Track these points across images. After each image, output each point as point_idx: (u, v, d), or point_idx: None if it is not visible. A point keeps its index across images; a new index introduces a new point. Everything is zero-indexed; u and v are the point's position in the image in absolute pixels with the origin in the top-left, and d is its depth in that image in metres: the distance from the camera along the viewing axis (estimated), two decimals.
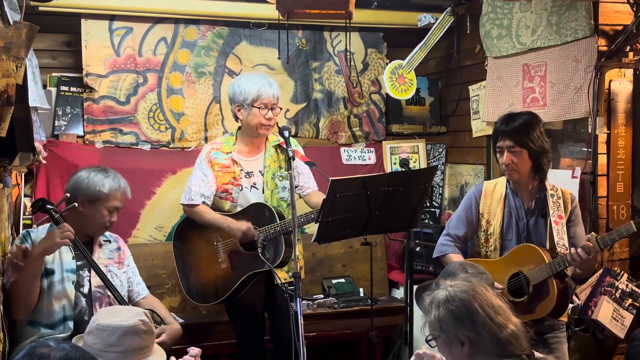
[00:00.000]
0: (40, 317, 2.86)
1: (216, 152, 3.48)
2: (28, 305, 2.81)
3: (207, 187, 3.43)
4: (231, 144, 3.50)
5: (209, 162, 3.46)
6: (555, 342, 2.96)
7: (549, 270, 2.81)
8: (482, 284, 1.91)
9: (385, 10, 4.50)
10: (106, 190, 2.99)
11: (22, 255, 2.82)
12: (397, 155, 4.73)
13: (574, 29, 3.44)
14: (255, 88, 3.37)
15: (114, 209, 3.04)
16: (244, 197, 3.45)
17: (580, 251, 2.72)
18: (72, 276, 2.94)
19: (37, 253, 2.77)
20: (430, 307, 1.89)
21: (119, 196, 3.05)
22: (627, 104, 3.38)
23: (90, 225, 3.02)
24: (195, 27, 4.31)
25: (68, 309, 2.89)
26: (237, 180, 3.45)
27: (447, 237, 3.17)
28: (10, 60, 2.20)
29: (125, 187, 3.10)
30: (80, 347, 1.52)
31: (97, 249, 3.10)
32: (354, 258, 4.43)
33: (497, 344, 1.80)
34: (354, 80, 4.65)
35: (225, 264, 3.45)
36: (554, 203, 2.94)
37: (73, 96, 4.10)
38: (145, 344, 2.14)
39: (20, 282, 2.76)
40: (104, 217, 3.01)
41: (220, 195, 3.47)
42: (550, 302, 2.83)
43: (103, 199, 2.99)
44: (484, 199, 3.10)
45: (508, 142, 2.93)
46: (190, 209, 3.46)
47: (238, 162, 3.46)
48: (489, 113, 4.11)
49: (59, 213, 2.89)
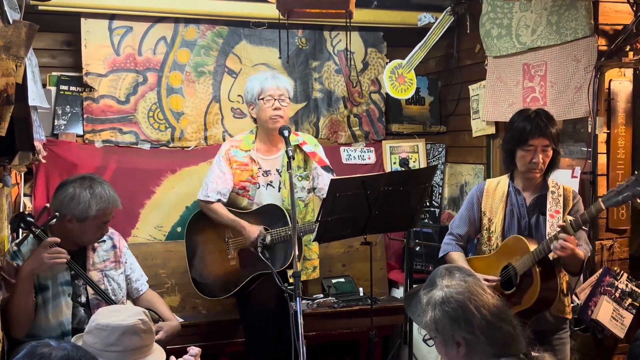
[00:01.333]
0: (39, 332, 2.81)
1: (235, 149, 3.53)
2: (25, 323, 2.76)
3: (224, 184, 3.49)
4: (250, 142, 3.55)
5: (227, 159, 3.51)
6: (559, 343, 2.96)
7: (531, 259, 2.80)
8: (478, 284, 1.90)
9: (385, 9, 4.50)
10: (94, 212, 2.85)
11: (13, 273, 2.76)
12: (396, 155, 4.73)
13: (574, 28, 3.44)
14: (258, 82, 3.47)
15: (105, 223, 2.96)
16: (261, 195, 3.50)
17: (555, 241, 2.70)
18: (68, 289, 2.89)
19: (25, 274, 2.70)
20: (427, 308, 1.88)
21: (108, 213, 2.93)
22: (627, 104, 3.38)
23: (81, 239, 2.94)
24: (195, 26, 4.31)
25: (66, 324, 2.85)
26: (254, 178, 3.50)
27: (451, 236, 3.18)
28: (9, 60, 2.20)
29: (114, 202, 2.94)
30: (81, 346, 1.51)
31: (91, 253, 3.02)
32: (353, 257, 4.43)
33: (493, 345, 1.80)
34: (353, 80, 4.64)
35: (234, 261, 3.49)
36: (554, 199, 2.94)
37: (73, 95, 4.09)
38: (144, 343, 2.13)
39: (12, 302, 2.71)
40: (95, 233, 2.94)
41: (237, 192, 3.53)
42: (534, 291, 2.81)
43: (91, 218, 2.87)
44: (486, 198, 3.10)
45: (544, 141, 2.87)
46: (206, 205, 3.52)
47: (256, 161, 3.51)
48: (489, 113, 4.11)
49: (40, 228, 2.79)
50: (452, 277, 1.92)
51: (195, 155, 4.29)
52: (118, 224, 3.98)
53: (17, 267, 2.77)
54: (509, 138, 3.02)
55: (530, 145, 2.89)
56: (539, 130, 2.87)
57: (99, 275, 3.00)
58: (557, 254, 2.74)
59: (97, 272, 3.00)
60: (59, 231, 2.86)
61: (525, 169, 2.95)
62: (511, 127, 3.00)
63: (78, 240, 2.95)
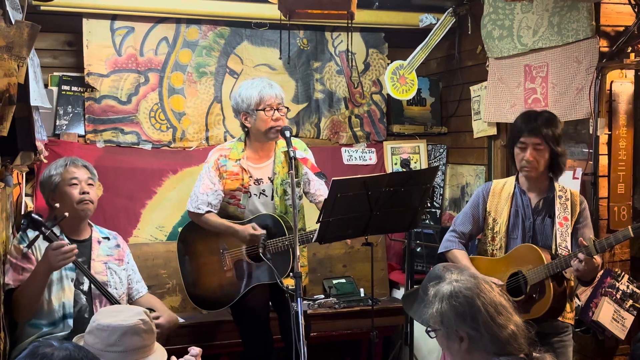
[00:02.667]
0: (41, 317, 2.87)
1: (224, 159, 3.39)
2: (32, 310, 2.83)
3: (214, 195, 3.36)
4: (240, 151, 3.41)
5: (217, 169, 3.37)
6: (561, 346, 2.95)
7: (546, 271, 2.81)
8: (487, 281, 1.91)
9: (387, 10, 4.50)
10: (54, 173, 3.06)
11: (21, 256, 2.83)
12: (398, 156, 4.73)
13: (576, 29, 3.44)
14: (256, 92, 3.30)
15: (76, 181, 3.06)
16: (252, 204, 3.41)
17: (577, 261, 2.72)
18: (71, 274, 2.96)
19: (42, 272, 2.79)
20: (434, 300, 1.89)
21: (69, 171, 3.07)
22: (629, 105, 3.38)
23: (71, 208, 3.01)
24: (196, 27, 4.32)
25: (68, 307, 2.91)
26: (245, 187, 3.39)
27: (453, 234, 3.18)
28: (12, 60, 2.20)
29: (72, 160, 3.13)
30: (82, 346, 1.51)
31: (96, 246, 3.11)
32: (354, 258, 4.43)
33: (496, 343, 1.81)
34: (355, 81, 4.65)
35: (230, 273, 3.44)
36: (562, 204, 2.94)
37: (74, 95, 4.10)
38: (145, 343, 2.13)
39: (25, 293, 2.78)
40: (73, 194, 3.03)
41: (228, 201, 3.42)
42: (545, 303, 2.83)
43: (59, 182, 3.04)
44: (492, 197, 3.10)
45: (535, 139, 2.91)
46: (197, 216, 3.40)
47: (247, 170, 3.39)
48: (490, 114, 4.11)
49: (49, 229, 2.84)
50: (462, 272, 1.93)
51: (197, 156, 4.29)
52: (119, 223, 4.02)
53: (24, 250, 2.85)
54: (508, 138, 3.09)
55: (522, 143, 2.94)
56: (531, 128, 2.92)
57: (103, 266, 3.06)
58: (575, 274, 2.78)
59: (101, 264, 3.06)
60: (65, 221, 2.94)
61: (519, 167, 3.00)
62: (512, 127, 3.04)
63: (73, 213, 3.01)
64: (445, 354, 1.98)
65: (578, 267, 2.72)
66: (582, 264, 2.70)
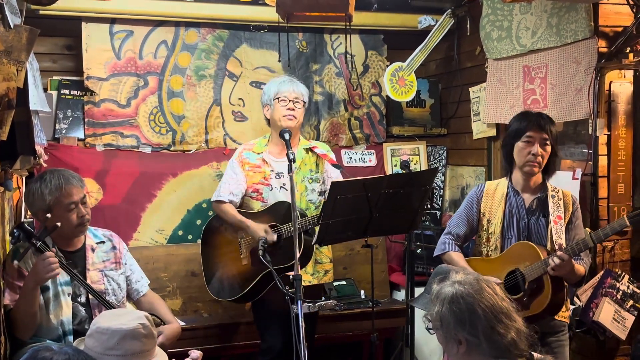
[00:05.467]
0: (40, 334, 2.83)
1: (248, 152, 3.61)
2: (32, 327, 2.78)
3: (236, 184, 3.55)
4: (263, 145, 3.62)
5: (240, 161, 3.59)
6: (558, 345, 2.95)
7: (543, 267, 2.81)
8: (490, 285, 1.89)
9: (386, 12, 4.51)
10: (48, 199, 2.84)
11: (16, 275, 2.79)
12: (397, 157, 4.73)
13: (574, 30, 3.44)
14: (276, 85, 3.57)
15: (74, 205, 2.89)
16: (274, 197, 3.52)
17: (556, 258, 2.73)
18: (67, 288, 2.90)
19: (30, 286, 2.71)
20: (435, 300, 1.88)
21: (66, 194, 2.87)
22: (628, 105, 3.38)
23: (65, 231, 2.90)
24: (195, 30, 4.32)
25: (67, 324, 2.86)
26: (267, 180, 3.54)
27: (448, 236, 3.17)
28: (11, 64, 2.20)
29: (67, 181, 2.88)
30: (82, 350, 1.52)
31: (90, 254, 3.02)
32: (354, 260, 4.44)
33: (495, 349, 1.80)
34: (354, 83, 4.65)
35: (246, 260, 3.50)
36: (555, 204, 2.94)
37: (74, 99, 4.10)
38: (145, 347, 2.12)
39: (20, 309, 2.73)
40: (71, 219, 2.89)
41: (251, 195, 3.56)
42: (544, 299, 2.82)
43: (54, 205, 2.85)
44: (485, 199, 3.10)
45: (543, 134, 2.90)
46: (218, 205, 3.59)
47: (269, 163, 3.56)
48: (490, 115, 4.11)
49: (40, 240, 2.74)
50: (466, 274, 1.92)
51: (196, 159, 4.30)
52: (119, 227, 4.01)
53: (17, 267, 2.78)
54: (507, 135, 3.06)
55: (530, 137, 2.91)
56: (538, 124, 2.91)
57: (99, 275, 3.00)
58: (551, 273, 2.77)
59: (97, 272, 3.00)
60: (56, 232, 2.84)
61: (524, 162, 2.94)
62: (510, 125, 3.04)
63: (68, 234, 2.92)
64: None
65: (554, 267, 2.72)
66: (556, 263, 2.71)
